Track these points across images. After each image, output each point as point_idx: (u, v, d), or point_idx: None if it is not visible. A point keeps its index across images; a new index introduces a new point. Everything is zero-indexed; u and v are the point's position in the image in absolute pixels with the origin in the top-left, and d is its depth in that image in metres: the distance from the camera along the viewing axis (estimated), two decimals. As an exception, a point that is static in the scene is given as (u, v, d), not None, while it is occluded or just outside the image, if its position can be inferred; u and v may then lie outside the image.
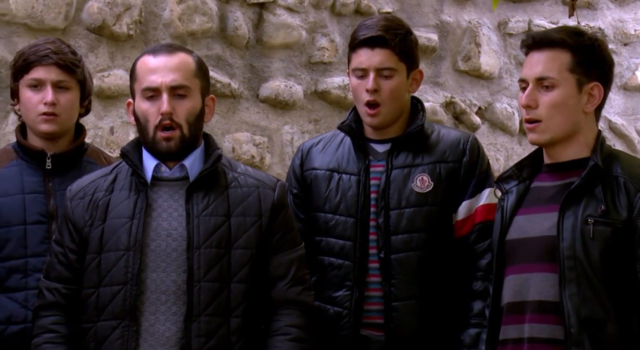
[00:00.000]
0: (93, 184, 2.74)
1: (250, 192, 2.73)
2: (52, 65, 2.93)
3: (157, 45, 2.84)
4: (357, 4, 4.86)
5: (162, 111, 2.67)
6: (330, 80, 4.78)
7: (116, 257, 2.66)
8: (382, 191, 2.92)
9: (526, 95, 2.65)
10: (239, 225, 2.70)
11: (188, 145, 2.72)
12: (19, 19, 4.01)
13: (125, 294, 2.64)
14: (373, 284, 2.91)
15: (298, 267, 2.75)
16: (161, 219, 2.68)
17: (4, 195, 2.92)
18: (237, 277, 2.68)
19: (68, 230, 2.72)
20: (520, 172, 2.73)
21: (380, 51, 2.91)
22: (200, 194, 2.69)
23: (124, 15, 4.25)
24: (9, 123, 3.97)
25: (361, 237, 2.91)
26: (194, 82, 2.72)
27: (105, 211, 2.69)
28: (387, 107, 2.93)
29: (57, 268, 2.71)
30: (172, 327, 2.63)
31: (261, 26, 4.63)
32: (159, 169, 2.73)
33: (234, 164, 2.81)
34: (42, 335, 2.69)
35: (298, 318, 2.72)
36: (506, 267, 2.69)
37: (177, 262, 2.65)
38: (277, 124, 4.67)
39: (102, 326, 2.65)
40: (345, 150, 2.99)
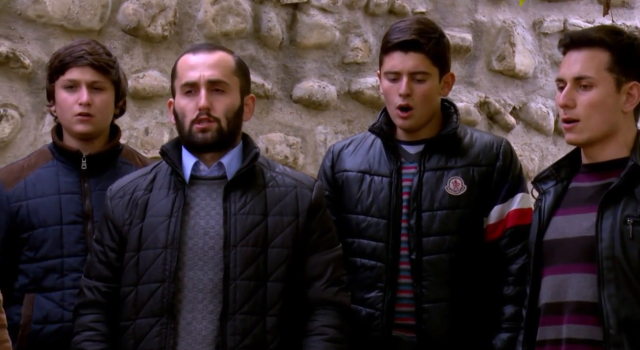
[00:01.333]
0: (133, 183, 2.76)
1: (287, 192, 2.74)
2: (86, 66, 2.95)
3: (198, 44, 2.87)
4: (390, 4, 4.85)
5: (200, 106, 2.69)
6: (364, 80, 4.78)
7: (154, 255, 2.67)
8: (415, 193, 2.92)
9: (564, 94, 2.64)
10: (276, 224, 2.70)
11: (225, 140, 2.72)
12: (55, 21, 4.05)
13: (163, 292, 2.65)
14: (404, 285, 2.91)
15: (335, 267, 2.75)
16: (199, 218, 2.68)
17: (40, 196, 2.95)
18: (274, 276, 2.68)
19: (108, 229, 2.74)
20: (558, 172, 2.71)
21: (414, 55, 2.91)
22: (238, 193, 2.70)
23: (159, 17, 4.28)
24: (45, 124, 4.01)
25: (393, 239, 2.92)
26: (232, 79, 2.73)
27: (144, 210, 2.70)
28: (419, 111, 2.92)
29: (97, 267, 2.73)
30: (209, 325, 2.64)
31: (295, 27, 4.64)
32: (198, 167, 2.73)
33: (272, 163, 2.81)
34: (82, 333, 2.71)
35: (334, 318, 2.72)
36: (544, 268, 2.68)
37: (214, 260, 2.66)
38: (310, 124, 4.68)
39: (141, 324, 2.66)
40: (377, 152, 2.99)
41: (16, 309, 2.92)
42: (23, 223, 2.94)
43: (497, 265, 2.93)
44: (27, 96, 4.01)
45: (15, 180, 2.98)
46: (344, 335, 2.73)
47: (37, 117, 4.02)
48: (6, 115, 3.96)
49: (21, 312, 2.91)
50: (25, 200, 2.95)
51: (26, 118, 4.00)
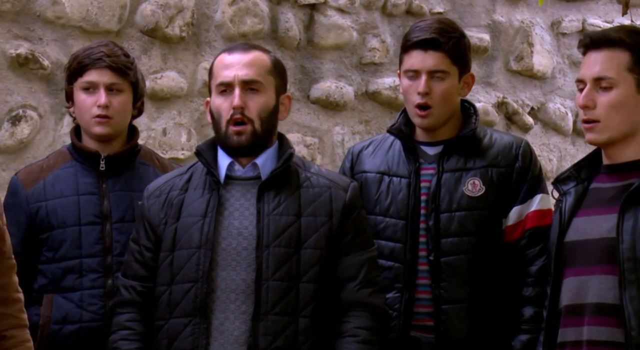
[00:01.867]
0: (169, 183, 2.76)
1: (321, 192, 2.73)
2: (104, 68, 2.96)
3: (235, 44, 2.87)
4: (408, 4, 4.84)
5: (234, 105, 2.68)
6: (381, 81, 4.78)
7: (188, 255, 2.67)
8: (433, 194, 2.91)
9: (584, 95, 2.62)
10: (309, 225, 2.69)
11: (260, 141, 2.72)
12: (74, 22, 4.06)
13: (196, 292, 2.65)
14: (422, 286, 2.90)
15: (369, 268, 2.73)
16: (232, 218, 2.68)
17: (59, 197, 2.96)
18: (306, 277, 2.67)
19: (144, 229, 2.74)
20: (578, 173, 2.70)
21: (434, 54, 2.90)
22: (272, 193, 2.70)
23: (177, 18, 4.29)
24: (64, 125, 4.03)
25: (411, 240, 2.91)
26: (268, 78, 2.72)
27: (179, 210, 2.71)
28: (437, 110, 2.92)
29: (133, 266, 2.74)
30: (241, 325, 2.64)
31: (312, 27, 4.64)
32: (233, 167, 2.74)
33: (307, 164, 2.81)
34: (118, 332, 2.72)
35: (367, 320, 2.70)
36: (565, 269, 2.66)
37: (246, 260, 2.66)
38: (328, 124, 4.67)
39: (174, 323, 2.66)
40: (396, 153, 2.98)
41: (35, 309, 2.93)
42: (42, 224, 2.96)
43: (516, 267, 2.91)
44: (46, 97, 4.02)
45: (35, 181, 2.99)
46: (377, 337, 2.71)
47: (55, 118, 4.03)
48: (25, 116, 3.98)
49: (40, 312, 2.92)
50: (44, 201, 2.96)
51: (45, 119, 4.01)
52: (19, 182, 3.00)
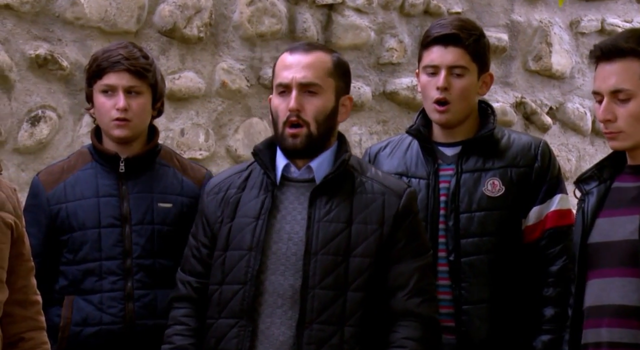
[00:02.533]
0: (228, 180, 2.75)
1: (374, 199, 2.69)
2: (123, 71, 2.96)
3: (298, 43, 2.84)
4: (426, 4, 4.83)
5: (290, 107, 2.67)
6: (399, 81, 4.77)
7: (239, 257, 2.67)
8: (452, 194, 2.90)
9: (603, 109, 2.61)
10: (359, 232, 2.66)
11: (316, 144, 2.70)
12: (93, 23, 4.08)
13: (244, 294, 2.64)
14: (443, 287, 2.89)
15: (420, 276, 2.69)
16: (285, 222, 2.67)
17: (80, 199, 2.96)
18: (354, 286, 2.64)
19: (202, 225, 2.74)
20: (600, 172, 2.68)
21: (454, 49, 2.89)
22: (324, 199, 2.67)
23: (195, 18, 4.29)
24: (82, 125, 4.04)
25: (431, 240, 2.89)
26: (327, 81, 2.70)
27: (234, 209, 2.70)
28: (456, 106, 2.90)
29: (191, 261, 2.74)
30: (287, 331, 2.62)
31: (330, 27, 4.64)
32: (289, 169, 2.72)
33: (365, 166, 2.76)
34: (173, 326, 2.72)
35: (416, 330, 2.65)
36: (589, 271, 2.65)
37: (295, 266, 2.64)
38: (345, 125, 4.67)
39: (222, 323, 2.66)
40: (414, 153, 2.98)
41: (56, 311, 2.94)
42: (63, 225, 2.96)
43: (536, 267, 2.90)
44: (65, 98, 4.04)
45: (55, 182, 2.99)
46: (426, 347, 2.67)
47: (74, 119, 4.05)
48: (44, 117, 3.99)
49: (61, 314, 2.92)
50: (65, 203, 2.97)
51: (64, 119, 4.03)
52: (40, 183, 3.01)
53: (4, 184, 2.51)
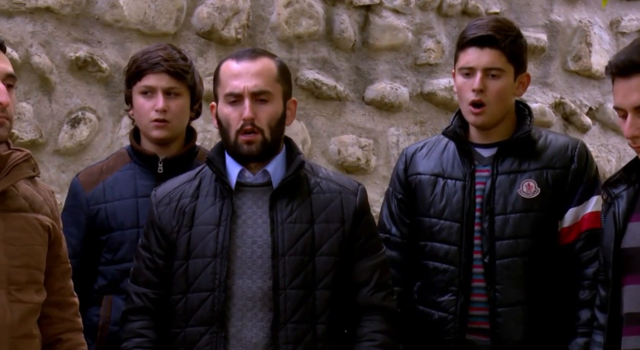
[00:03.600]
0: (178, 190, 2.76)
1: (332, 198, 2.73)
2: (162, 72, 2.98)
3: (241, 50, 2.84)
4: (464, 4, 4.81)
5: (244, 117, 2.68)
6: (437, 81, 4.76)
7: (203, 264, 2.68)
8: (487, 196, 2.90)
9: (629, 126, 2.60)
10: (323, 231, 2.70)
11: (269, 149, 2.72)
12: (132, 25, 4.11)
13: (214, 301, 2.65)
14: (478, 289, 2.89)
15: (381, 272, 2.74)
16: (246, 226, 2.69)
17: (118, 199, 2.99)
18: (322, 284, 2.68)
19: (155, 236, 2.74)
20: (628, 175, 2.67)
21: (490, 51, 2.88)
22: (284, 201, 2.70)
23: (233, 20, 4.31)
24: (121, 127, 4.08)
25: (466, 242, 2.89)
26: (275, 87, 2.72)
27: (191, 217, 2.71)
28: (492, 108, 2.90)
29: (144, 273, 2.74)
30: (259, 333, 2.64)
31: (367, 28, 4.64)
32: (243, 174, 2.73)
33: (316, 168, 2.81)
34: (131, 339, 2.73)
35: (383, 324, 2.71)
36: (625, 276, 2.62)
37: (262, 269, 2.66)
38: (382, 126, 4.67)
39: (191, 332, 2.67)
40: (450, 155, 2.97)
41: (95, 310, 2.97)
42: (102, 225, 2.99)
43: (572, 269, 2.89)
44: (104, 99, 4.07)
45: (95, 182, 3.02)
46: (394, 340, 2.72)
47: (113, 120, 4.08)
48: (84, 119, 4.03)
49: (100, 313, 2.95)
50: (104, 203, 2.99)
51: (103, 121, 4.07)
52: (80, 183, 3.04)
53: (42, 186, 2.54)
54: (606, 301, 2.66)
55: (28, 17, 3.91)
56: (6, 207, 2.41)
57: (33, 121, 3.91)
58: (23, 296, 2.41)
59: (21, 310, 2.40)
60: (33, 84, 3.91)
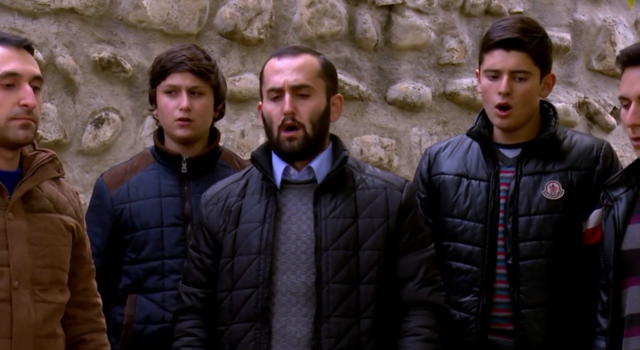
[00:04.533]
0: (226, 190, 2.78)
1: (377, 194, 2.73)
2: (187, 71, 2.99)
3: (284, 48, 2.87)
4: (487, 4, 4.80)
5: (285, 111, 2.69)
6: (459, 81, 4.74)
7: (248, 261, 2.69)
8: (511, 197, 2.89)
9: (631, 114, 2.60)
10: (367, 226, 2.70)
11: (312, 145, 2.73)
12: (155, 26, 4.13)
13: (257, 297, 2.67)
14: (501, 290, 2.88)
15: (428, 267, 2.74)
16: (290, 223, 2.70)
17: (142, 198, 3.00)
18: (366, 279, 2.69)
19: (203, 236, 2.77)
20: (628, 178, 2.66)
21: (516, 54, 2.87)
22: (328, 196, 2.71)
23: (255, 20, 4.32)
24: (145, 127, 4.09)
25: (489, 243, 2.89)
26: (317, 82, 2.73)
27: (237, 216, 2.73)
28: (518, 110, 2.89)
29: (194, 273, 2.77)
30: (303, 328, 2.66)
31: (390, 28, 4.63)
32: (288, 172, 2.75)
33: (362, 165, 2.81)
34: (181, 338, 2.75)
35: (429, 319, 2.71)
36: (626, 278, 2.62)
37: (306, 264, 2.68)
38: (405, 126, 4.66)
39: (236, 328, 2.69)
40: (474, 155, 2.96)
41: (119, 309, 2.98)
42: (126, 225, 3.00)
43: (596, 270, 2.86)
44: (128, 100, 4.09)
45: (119, 182, 3.03)
46: (439, 335, 2.72)
47: (137, 121, 4.10)
48: (108, 119, 4.05)
49: (124, 312, 2.96)
50: (128, 203, 3.01)
51: (126, 121, 4.08)
52: (104, 183, 3.05)
53: (66, 187, 2.55)
54: (608, 305, 2.65)
55: (52, 18, 3.94)
56: (31, 207, 2.43)
57: (57, 121, 3.93)
58: (47, 296, 2.43)
59: (45, 310, 2.42)
60: (57, 85, 3.93)
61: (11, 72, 2.39)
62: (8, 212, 2.40)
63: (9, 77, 2.39)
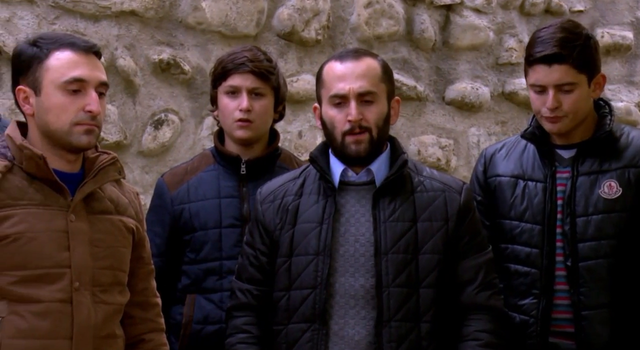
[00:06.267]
0: (282, 188, 2.78)
1: (436, 196, 2.73)
2: (247, 72, 3.00)
3: (344, 51, 2.85)
4: (547, 3, 4.75)
5: (351, 119, 2.69)
6: (518, 81, 4.70)
7: (306, 262, 2.70)
8: (568, 198, 2.86)
9: None
10: (426, 230, 2.70)
11: (376, 149, 2.73)
12: (214, 27, 4.16)
13: (315, 298, 2.67)
14: (560, 292, 2.85)
15: (487, 271, 2.73)
16: (349, 224, 2.70)
17: (202, 199, 3.02)
18: (426, 282, 2.68)
19: (259, 233, 2.77)
20: None
21: (559, 67, 2.83)
22: (387, 199, 2.71)
23: (313, 21, 4.33)
24: (203, 128, 4.12)
25: (548, 245, 2.86)
26: (380, 86, 2.72)
27: (295, 215, 2.73)
28: (569, 119, 2.86)
29: (248, 270, 2.77)
30: (362, 331, 2.66)
31: (448, 28, 4.61)
32: (346, 173, 2.75)
33: (420, 167, 2.81)
34: (235, 335, 2.76)
35: (488, 323, 2.70)
36: None
37: (365, 267, 2.68)
38: (463, 126, 4.63)
39: (293, 329, 2.69)
40: (530, 156, 2.94)
41: (179, 309, 3.00)
42: (185, 225, 3.02)
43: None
44: (187, 101, 4.12)
45: (179, 183, 3.06)
46: (499, 339, 2.70)
47: (195, 122, 4.13)
48: (167, 120, 4.09)
49: (183, 312, 2.98)
50: (188, 203, 3.03)
51: (185, 123, 4.12)
52: (165, 184, 3.08)
53: (127, 188, 2.58)
54: None
55: (113, 20, 3.98)
56: (92, 209, 2.46)
57: (118, 123, 3.98)
58: (107, 297, 2.45)
59: (105, 311, 2.45)
60: (118, 87, 3.98)
61: (78, 78, 2.42)
62: (70, 214, 2.42)
63: (76, 82, 2.42)
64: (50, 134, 2.43)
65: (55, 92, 2.41)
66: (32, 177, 2.41)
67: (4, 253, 2.37)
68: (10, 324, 2.35)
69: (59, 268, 2.39)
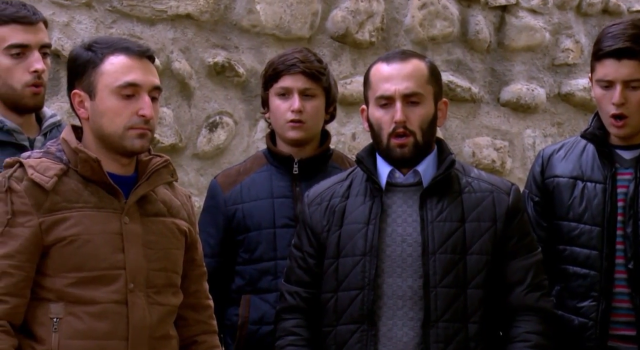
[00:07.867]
0: (329, 190, 2.79)
1: (484, 197, 2.71)
2: (298, 73, 3.01)
3: (391, 52, 2.84)
4: (604, 3, 4.69)
5: (396, 120, 2.69)
6: (575, 82, 4.65)
7: (353, 262, 2.70)
8: (631, 199, 2.82)
9: None
10: (474, 230, 2.68)
11: (421, 151, 2.72)
12: (268, 30, 4.18)
13: (363, 299, 2.67)
14: (621, 295, 2.82)
15: (536, 272, 2.71)
16: (396, 225, 2.70)
17: (255, 199, 3.03)
18: (474, 283, 2.67)
19: (307, 235, 2.77)
20: None
21: (628, 63, 2.80)
22: (434, 200, 2.70)
23: (367, 23, 4.33)
24: (257, 130, 4.15)
25: (607, 247, 2.82)
26: (427, 88, 2.71)
27: (341, 217, 2.73)
28: (634, 118, 2.83)
29: (296, 272, 2.78)
30: (410, 332, 2.65)
31: (503, 29, 4.58)
32: (393, 174, 2.75)
33: (467, 168, 2.80)
34: (285, 337, 2.76)
35: (537, 324, 2.68)
36: None
37: (412, 267, 2.67)
38: (518, 127, 4.60)
39: (342, 330, 2.69)
40: (589, 157, 2.91)
41: (234, 310, 3.01)
42: (239, 226, 3.03)
43: None
44: (241, 104, 4.15)
45: (232, 184, 3.07)
46: (548, 341, 2.68)
47: (249, 124, 4.16)
48: (222, 123, 4.12)
49: (239, 313, 2.99)
50: (241, 204, 3.04)
51: (240, 125, 4.15)
52: (218, 185, 3.09)
53: (180, 191, 2.60)
54: None
55: (169, 24, 4.03)
56: (146, 211, 2.48)
57: (173, 126, 4.02)
58: (161, 299, 2.47)
59: (159, 312, 2.46)
60: (173, 89, 4.03)
61: (132, 82, 2.44)
62: (124, 216, 2.45)
63: (130, 87, 2.44)
64: (105, 137, 2.46)
65: (109, 97, 2.44)
66: (87, 180, 2.44)
67: (60, 255, 2.40)
68: (67, 325, 2.38)
69: (114, 270, 2.41)
